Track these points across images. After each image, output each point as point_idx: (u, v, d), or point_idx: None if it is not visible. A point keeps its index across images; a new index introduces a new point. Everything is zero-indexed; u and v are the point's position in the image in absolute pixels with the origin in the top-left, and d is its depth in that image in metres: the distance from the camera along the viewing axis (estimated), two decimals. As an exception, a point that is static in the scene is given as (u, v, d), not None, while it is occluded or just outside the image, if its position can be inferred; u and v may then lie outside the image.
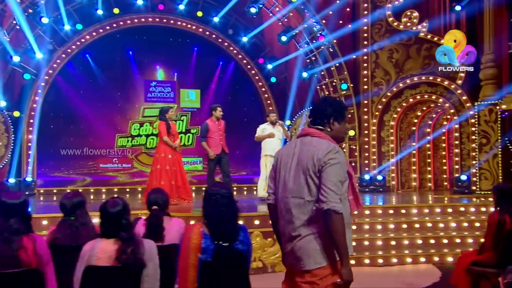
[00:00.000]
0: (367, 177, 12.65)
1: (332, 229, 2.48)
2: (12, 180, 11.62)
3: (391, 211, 8.08)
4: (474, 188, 11.06)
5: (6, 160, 11.67)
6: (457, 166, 12.24)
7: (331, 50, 12.81)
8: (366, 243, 7.16)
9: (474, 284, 4.59)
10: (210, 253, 2.73)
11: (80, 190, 12.68)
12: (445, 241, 7.33)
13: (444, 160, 13.45)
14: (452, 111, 12.00)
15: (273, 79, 14.61)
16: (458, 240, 7.31)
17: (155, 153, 8.39)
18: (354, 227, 7.39)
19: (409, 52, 12.57)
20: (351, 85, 13.03)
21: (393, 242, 7.23)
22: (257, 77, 14.88)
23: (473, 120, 11.17)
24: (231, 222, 2.88)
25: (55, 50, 12.46)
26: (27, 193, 11.69)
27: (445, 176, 13.53)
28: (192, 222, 6.22)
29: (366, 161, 13.10)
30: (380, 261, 6.85)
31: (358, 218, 7.76)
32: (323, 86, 13.27)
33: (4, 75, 11.65)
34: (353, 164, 13.07)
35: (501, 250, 4.29)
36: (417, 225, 7.65)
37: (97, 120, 13.32)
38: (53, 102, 12.86)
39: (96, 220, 6.34)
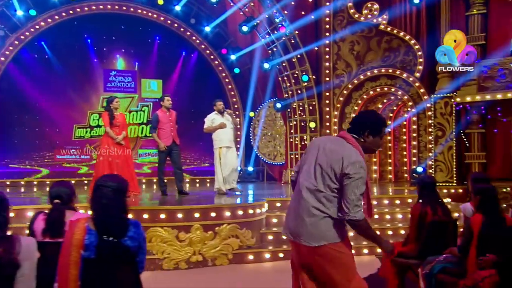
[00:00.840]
0: (327, 169, 12.64)
1: (358, 232, 3.01)
2: (-39, 171, 11.24)
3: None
4: (429, 180, 11.16)
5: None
6: (414, 158, 12.34)
7: (293, 41, 12.71)
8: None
9: (399, 275, 4.58)
10: (93, 249, 2.57)
11: (35, 182, 12.50)
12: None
13: (404, 152, 13.54)
14: (410, 103, 12.07)
15: (236, 70, 14.46)
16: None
17: (100, 144, 8.14)
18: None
19: (370, 44, 12.58)
20: (313, 76, 12.97)
21: (351, 234, 7.19)
22: (220, 68, 14.70)
23: (429, 113, 11.26)
24: (117, 216, 2.70)
25: (7, 37, 12.03)
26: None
27: (405, 168, 13.63)
28: (162, 216, 6.08)
29: (327, 153, 13.09)
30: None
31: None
32: (285, 78, 13.18)
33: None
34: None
35: (422, 242, 4.27)
36: (377, 216, 7.64)
37: (54, 110, 12.94)
38: (6, 90, 12.42)
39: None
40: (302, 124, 13.08)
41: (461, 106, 10.43)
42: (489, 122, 10.48)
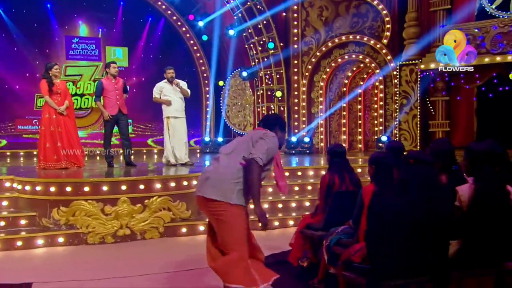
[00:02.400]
0: (293, 139, 12.40)
1: (248, 177, 3.28)
2: None
3: (287, 173, 7.84)
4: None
5: None
6: (381, 127, 12.11)
7: (259, 7, 12.23)
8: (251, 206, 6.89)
9: (304, 247, 4.40)
10: None
11: (8, 153, 12.22)
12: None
13: (376, 122, 13.27)
14: (377, 71, 11.74)
15: (204, 37, 13.97)
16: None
17: (41, 113, 7.78)
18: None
19: (339, 10, 12.14)
20: (281, 44, 12.55)
21: (280, 205, 7.02)
22: (188, 35, 14.24)
23: (395, 81, 10.94)
24: None
25: (-42, 2, 11.53)
26: None
27: (376, 137, 13.41)
28: (85, 189, 5.83)
29: (296, 123, 12.82)
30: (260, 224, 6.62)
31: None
32: (251, 45, 12.75)
33: None
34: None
35: (327, 213, 4.05)
36: (309, 187, 7.43)
37: (14, 78, 12.52)
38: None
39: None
40: (269, 93, 12.75)
41: (426, 73, 10.09)
42: (453, 90, 10.18)
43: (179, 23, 14.11)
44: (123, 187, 5.93)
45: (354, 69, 12.71)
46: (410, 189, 2.65)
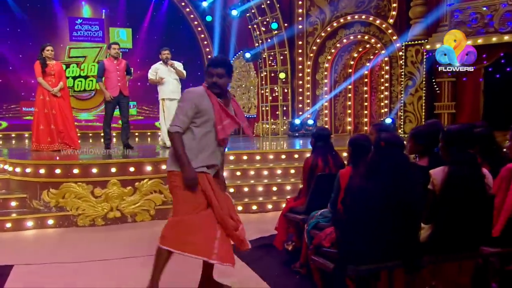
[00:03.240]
0: (297, 121, 12.24)
1: (172, 145, 3.31)
2: None
3: (283, 156, 7.72)
4: (399, 131, 10.73)
5: None
6: (386, 109, 11.86)
7: (262, -15, 11.98)
8: (246, 189, 6.82)
9: (289, 231, 4.31)
10: None
11: (0, 135, 12.31)
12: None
13: (382, 104, 13.01)
14: (383, 51, 11.46)
15: (209, 18, 13.80)
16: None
17: (35, 95, 7.74)
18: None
19: (344, -12, 11.83)
20: (285, 24, 12.30)
21: (274, 188, 6.91)
22: (192, 16, 14.08)
23: (401, 62, 10.66)
24: None
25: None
26: None
27: (381, 119, 13.17)
28: (75, 171, 5.79)
29: (300, 105, 12.65)
30: (254, 207, 6.54)
31: (248, 164, 7.40)
32: (255, 26, 12.52)
33: None
34: (284, 108, 12.63)
35: (309, 196, 3.93)
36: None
37: (18, 60, 12.55)
38: (-36, 40, 12.04)
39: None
40: (273, 74, 12.56)
41: (432, 53, 9.79)
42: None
43: (183, 4, 13.94)
44: (113, 170, 5.88)
45: (360, 49, 12.44)
46: (379, 172, 2.52)
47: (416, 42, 10.19)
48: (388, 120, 10.89)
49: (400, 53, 10.66)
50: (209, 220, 3.25)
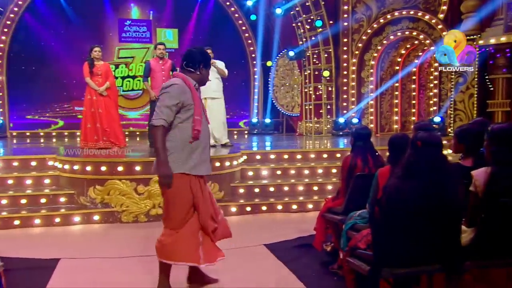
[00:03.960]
0: (341, 120, 12.04)
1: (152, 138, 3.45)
2: (-19, 122, 11.74)
3: (325, 155, 7.60)
4: (449, 130, 10.34)
5: (-25, 102, 11.74)
6: (435, 108, 11.45)
7: (307, -17, 11.86)
8: (286, 188, 6.77)
9: (327, 231, 4.22)
10: None
11: (54, 133, 12.87)
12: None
13: (431, 102, 12.55)
14: (432, 48, 11.05)
15: (253, 17, 13.80)
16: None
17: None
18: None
19: (392, -16, 11.51)
20: (330, 21, 12.12)
21: (315, 188, 6.82)
22: (236, 15, 14.12)
23: (451, 58, 10.23)
24: None
25: (19, -15, 12.09)
26: (-3, 135, 11.86)
27: (430, 118, 12.72)
28: (119, 168, 5.98)
29: (344, 104, 12.43)
30: (294, 207, 6.48)
31: (289, 163, 7.35)
32: (299, 24, 12.41)
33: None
34: (328, 107, 12.45)
35: (347, 196, 3.83)
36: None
37: (70, 61, 12.94)
38: (23, 42, 12.63)
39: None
40: (317, 73, 12.40)
41: (485, 49, 9.34)
42: (514, 67, 9.38)
43: (227, 3, 14.02)
44: (155, 167, 5.98)
45: (408, 46, 12.07)
46: (416, 172, 2.41)
47: (468, 37, 9.74)
48: (437, 119, 10.50)
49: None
50: (194, 229, 3.38)
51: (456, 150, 3.19)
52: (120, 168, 5.93)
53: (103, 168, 5.94)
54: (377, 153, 4.05)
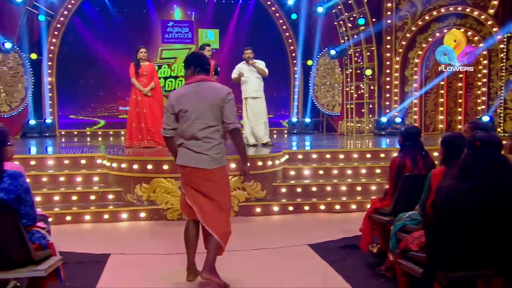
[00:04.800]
0: (384, 119, 11.82)
1: (238, 140, 3.73)
2: (32, 122, 12.23)
3: (368, 155, 7.49)
4: (499, 130, 9.97)
5: (27, 103, 12.25)
6: (483, 106, 11.06)
7: (349, -20, 11.70)
8: (329, 188, 6.71)
9: (374, 233, 4.15)
10: None
11: (100, 132, 13.29)
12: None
13: (479, 100, 12.12)
14: (481, 45, 10.68)
15: (294, 16, 13.76)
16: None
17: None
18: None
19: (438, -21, 11.20)
20: (373, 19, 11.92)
21: (358, 188, 6.73)
22: (277, 14, 14.11)
23: (502, 55, 9.88)
24: None
25: (68, -11, 12.53)
26: (47, 134, 12.34)
27: (478, 117, 12.30)
28: (164, 167, 6.12)
29: (387, 103, 12.19)
30: (337, 207, 6.41)
31: (331, 163, 7.28)
32: (341, 22, 12.27)
33: (20, 17, 11.92)
34: (370, 106, 12.26)
35: (396, 197, 3.76)
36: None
37: (115, 62, 13.33)
38: (71, 43, 13.08)
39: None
40: (359, 71, 12.22)
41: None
42: None
43: (268, 3, 14.03)
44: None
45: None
46: (474, 173, 2.33)
47: (519, 32, 9.38)
48: (486, 118, 10.15)
49: (501, 45, 9.87)
50: None
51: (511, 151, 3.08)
52: (165, 167, 6.06)
53: (149, 167, 6.09)
54: (426, 153, 3.95)
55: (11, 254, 2.55)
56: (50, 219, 3.69)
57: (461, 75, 12.23)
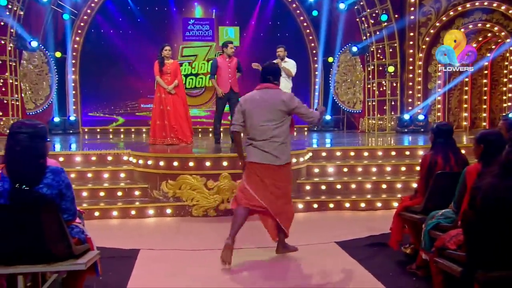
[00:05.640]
0: (406, 116, 11.70)
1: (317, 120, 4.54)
2: (57, 119, 12.44)
3: (393, 153, 7.42)
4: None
5: (52, 100, 12.46)
6: (509, 103, 10.87)
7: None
8: (353, 186, 6.67)
9: (404, 231, 4.11)
10: (6, 195, 2.56)
11: (122, 130, 13.44)
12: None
13: (504, 97, 11.92)
14: (508, 40, 10.49)
15: (315, 13, 13.69)
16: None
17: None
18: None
19: (463, -27, 11.03)
20: (396, 15, 11.80)
21: (383, 186, 6.68)
22: (298, 11, 14.07)
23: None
24: (32, 163, 2.62)
25: (92, -12, 12.70)
26: (71, 131, 12.54)
27: (504, 114, 12.09)
28: (190, 164, 6.16)
29: (410, 100, 12.07)
30: (363, 205, 6.37)
31: (355, 160, 7.24)
32: (363, 19, 12.17)
33: (46, 16, 12.13)
34: (392, 103, 12.15)
35: (427, 195, 3.72)
36: (418, 168, 6.91)
37: (137, 60, 13.47)
38: (94, 42, 13.27)
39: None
40: (381, 68, 12.12)
41: None
42: None
43: (289, 0, 13.99)
44: (225, 163, 6.11)
45: (480, 39, 11.52)
46: (515, 172, 2.30)
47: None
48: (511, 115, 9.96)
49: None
50: None
51: None
52: (191, 164, 6.10)
53: (175, 164, 6.13)
54: (458, 151, 3.90)
55: (53, 248, 2.60)
56: (83, 215, 3.74)
57: (486, 71, 12.03)
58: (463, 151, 6.28)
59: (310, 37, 14.20)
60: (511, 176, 2.30)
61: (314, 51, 14.17)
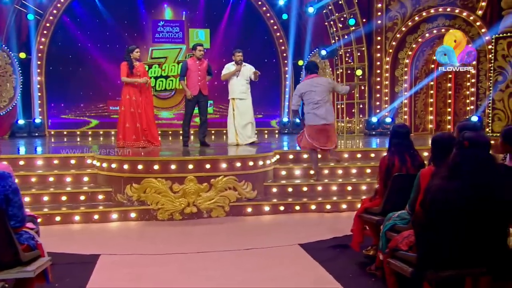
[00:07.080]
0: (374, 119, 11.88)
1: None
2: (21, 122, 12.12)
3: (359, 155, 7.52)
4: (487, 129, 10.04)
5: (16, 102, 12.13)
6: (472, 107, 11.16)
7: (339, -20, 11.74)
8: (320, 188, 6.73)
9: (364, 232, 4.17)
10: None
11: (90, 132, 13.19)
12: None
13: (467, 101, 12.21)
14: (470, 45, 10.75)
15: (284, 16, 13.76)
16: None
17: (121, 95, 8.14)
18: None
19: (427, -19, 11.27)
20: (363, 20, 11.97)
21: (349, 188, 6.76)
22: (268, 15, 14.12)
23: (490, 55, 9.96)
24: None
25: (57, -12, 12.42)
26: (36, 134, 12.23)
27: (466, 117, 12.39)
28: (155, 167, 6.08)
29: (377, 103, 12.26)
30: (328, 207, 6.43)
31: (322, 163, 7.30)
32: (331, 23, 12.31)
33: (9, 16, 11.79)
34: (361, 106, 12.32)
35: (385, 197, 3.78)
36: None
37: (106, 61, 13.26)
38: (60, 43, 12.97)
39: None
40: (349, 72, 12.27)
41: (525, 47, 9.05)
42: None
43: (259, 3, 14.03)
44: (190, 166, 6.07)
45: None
46: (463, 173, 2.36)
47: (508, 34, 9.46)
48: (474, 118, 10.22)
49: (490, 46, 9.95)
50: None
51: (502, 150, 3.11)
52: (156, 167, 6.03)
53: (140, 167, 6.06)
54: (415, 152, 3.97)
55: (-1, 255, 2.52)
56: (39, 220, 3.64)
57: (450, 76, 12.32)
58: (425, 154, 6.47)
59: (280, 40, 14.27)
60: (458, 178, 2.36)
61: (284, 54, 14.24)
